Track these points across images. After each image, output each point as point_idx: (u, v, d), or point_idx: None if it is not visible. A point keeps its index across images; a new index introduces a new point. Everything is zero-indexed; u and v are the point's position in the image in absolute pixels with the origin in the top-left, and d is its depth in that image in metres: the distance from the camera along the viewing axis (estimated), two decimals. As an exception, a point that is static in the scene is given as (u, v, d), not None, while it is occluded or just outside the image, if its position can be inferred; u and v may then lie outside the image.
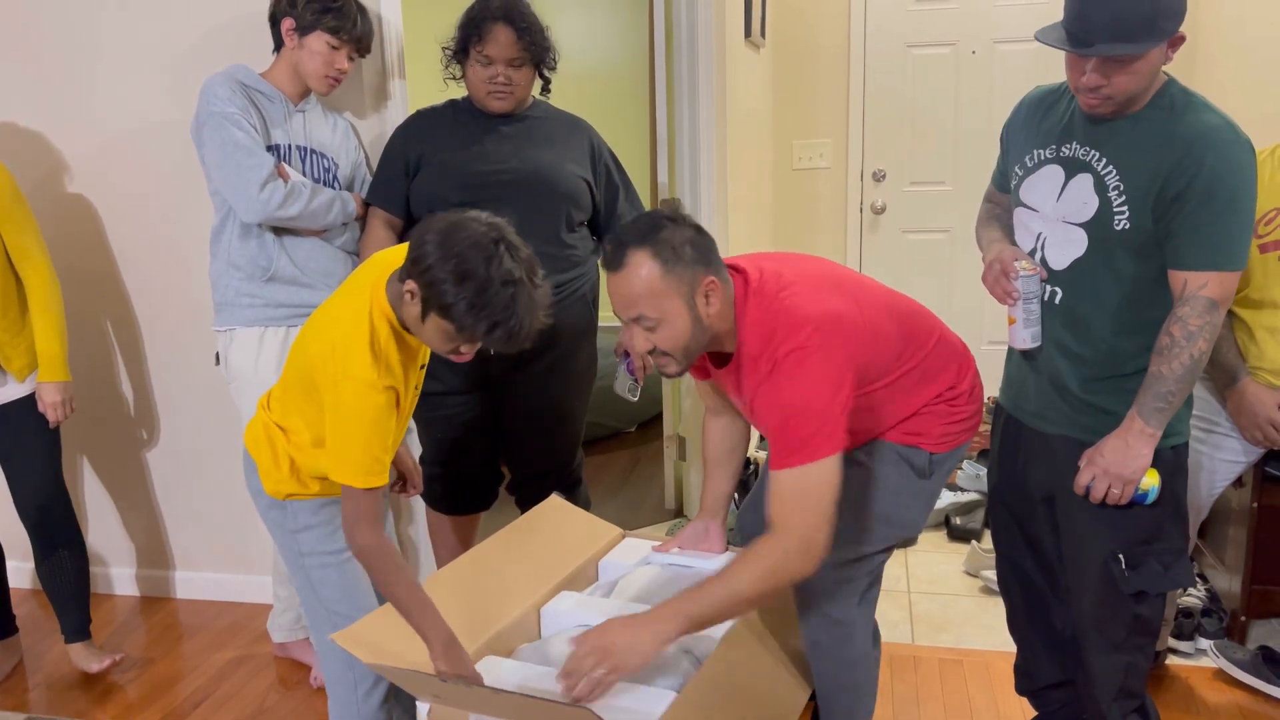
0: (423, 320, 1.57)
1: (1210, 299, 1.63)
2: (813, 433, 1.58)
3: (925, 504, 1.89)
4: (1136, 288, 1.71)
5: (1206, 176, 1.60)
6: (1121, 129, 1.69)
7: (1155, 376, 1.67)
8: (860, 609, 1.89)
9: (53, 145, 2.84)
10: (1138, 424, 1.69)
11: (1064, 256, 1.77)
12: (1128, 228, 1.68)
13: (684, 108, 3.20)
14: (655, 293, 1.61)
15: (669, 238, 1.62)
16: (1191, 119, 1.65)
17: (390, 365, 1.61)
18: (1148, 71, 1.62)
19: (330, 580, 1.82)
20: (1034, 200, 1.81)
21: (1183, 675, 2.45)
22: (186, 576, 3.07)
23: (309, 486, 1.78)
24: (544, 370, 2.47)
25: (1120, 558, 1.78)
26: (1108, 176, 1.69)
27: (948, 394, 1.85)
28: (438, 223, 1.57)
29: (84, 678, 2.63)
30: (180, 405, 2.95)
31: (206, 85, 2.28)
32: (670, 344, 1.66)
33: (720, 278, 1.67)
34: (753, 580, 1.57)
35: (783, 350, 1.61)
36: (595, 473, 4.03)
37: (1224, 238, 1.63)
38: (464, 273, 1.51)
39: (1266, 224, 2.18)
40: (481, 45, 2.30)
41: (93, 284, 2.91)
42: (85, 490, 3.08)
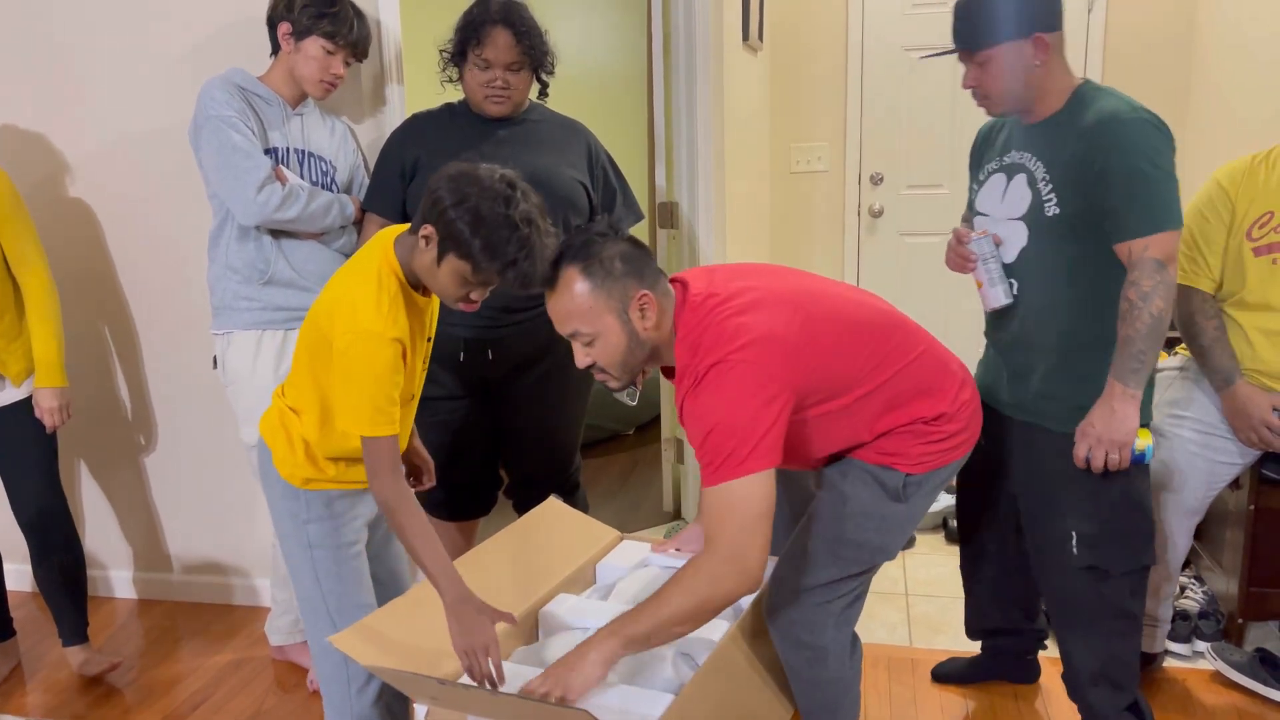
0: (439, 263, 1.61)
1: (1156, 259, 1.77)
2: (735, 448, 1.54)
3: (898, 528, 1.80)
4: (1080, 269, 1.87)
5: (1119, 153, 1.77)
6: (1046, 130, 1.90)
7: (1124, 340, 1.80)
8: (835, 631, 1.81)
9: (51, 148, 2.84)
10: (1118, 388, 1.81)
11: (1012, 250, 1.95)
12: (1057, 213, 1.85)
13: (682, 111, 3.20)
14: (586, 309, 1.63)
15: (599, 253, 1.64)
16: (1096, 107, 1.83)
17: (397, 319, 1.64)
18: (1003, 71, 1.85)
19: (333, 573, 1.83)
20: (985, 207, 2.02)
21: (1180, 677, 2.46)
22: (184, 579, 3.07)
23: (325, 471, 1.79)
24: (542, 375, 2.47)
25: (1073, 535, 1.93)
26: (1037, 172, 1.89)
27: (930, 416, 1.76)
28: (450, 169, 1.62)
29: (82, 681, 2.63)
30: (178, 408, 2.95)
31: (204, 89, 2.28)
32: (606, 359, 1.67)
33: (656, 291, 1.67)
34: (683, 602, 1.55)
35: (705, 363, 1.60)
36: (593, 475, 4.03)
37: (1153, 201, 1.77)
38: (481, 213, 1.55)
39: (1261, 227, 2.18)
40: (480, 49, 2.29)
41: (90, 287, 2.91)
42: (83, 493, 3.08)
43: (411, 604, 1.82)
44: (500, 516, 2.71)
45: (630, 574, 2.13)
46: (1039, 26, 1.83)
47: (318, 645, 1.85)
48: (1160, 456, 2.32)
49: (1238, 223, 2.20)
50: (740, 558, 1.54)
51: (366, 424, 1.63)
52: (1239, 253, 2.21)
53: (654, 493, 3.82)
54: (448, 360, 2.42)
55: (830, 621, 1.80)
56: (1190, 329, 2.28)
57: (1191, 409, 2.32)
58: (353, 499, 1.85)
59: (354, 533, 1.86)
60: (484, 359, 2.41)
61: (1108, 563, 1.93)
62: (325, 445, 1.78)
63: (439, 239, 1.59)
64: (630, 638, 1.57)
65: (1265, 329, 2.21)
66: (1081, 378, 1.90)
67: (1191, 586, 2.70)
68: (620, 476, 4.07)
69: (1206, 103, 4.19)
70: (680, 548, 2.15)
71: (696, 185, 3.22)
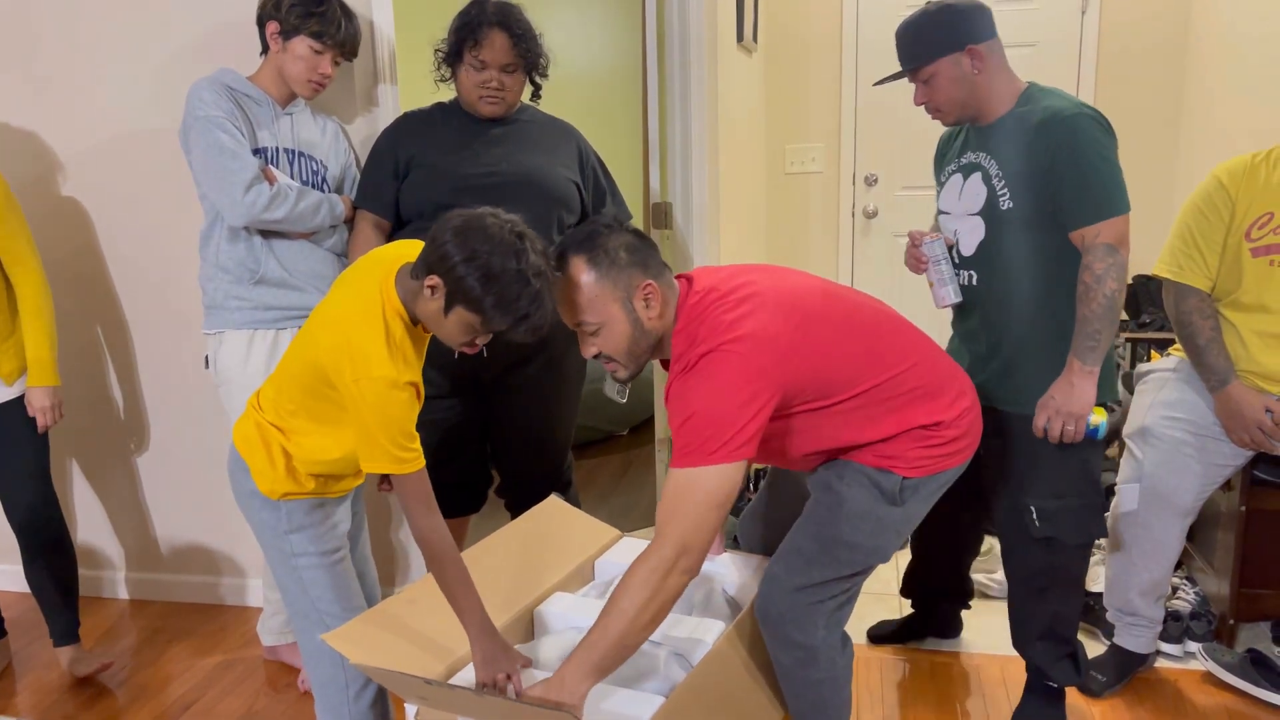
0: (446, 314, 1.61)
1: (1107, 244, 1.91)
2: (711, 436, 1.56)
3: (894, 531, 1.80)
4: (1034, 259, 1.99)
5: (1067, 148, 1.90)
6: (998, 131, 2.03)
7: (1081, 320, 1.93)
8: (826, 631, 1.81)
9: (44, 148, 2.84)
10: (1076, 364, 1.94)
11: (971, 243, 2.07)
12: (1011, 207, 1.98)
13: (676, 112, 3.20)
14: (592, 298, 1.66)
15: (604, 243, 1.67)
16: (1043, 106, 1.96)
17: (408, 361, 1.64)
18: (947, 83, 2.01)
19: (321, 581, 1.82)
20: (946, 205, 2.15)
21: (1171, 678, 2.46)
22: (176, 579, 3.06)
23: (305, 485, 1.78)
24: (534, 373, 2.47)
25: (1032, 509, 2.06)
26: (991, 169, 2.02)
27: (928, 424, 1.77)
28: (455, 220, 1.60)
29: (73, 681, 2.62)
30: (170, 408, 2.94)
31: (192, 90, 2.28)
32: (613, 348, 1.70)
33: (661, 282, 1.70)
34: (639, 607, 1.54)
35: (697, 352, 1.63)
36: (587, 476, 4.03)
37: (1102, 191, 1.91)
38: (493, 270, 1.55)
39: (1260, 228, 2.18)
40: (477, 50, 2.30)
41: (83, 287, 2.91)
42: (75, 493, 3.07)
43: (404, 604, 1.82)
44: (491, 515, 2.71)
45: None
46: (970, 39, 1.99)
47: (311, 652, 1.85)
48: (1153, 458, 2.32)
49: (1237, 222, 2.20)
50: (688, 549, 1.56)
51: (393, 464, 1.62)
52: (1237, 252, 2.21)
53: (648, 494, 3.81)
54: (440, 358, 2.42)
55: (821, 621, 1.80)
56: (1186, 328, 2.28)
57: (1184, 410, 2.32)
58: (330, 505, 1.85)
59: (336, 539, 1.86)
60: (477, 357, 2.41)
61: (1064, 535, 2.07)
62: (313, 461, 1.76)
63: (447, 291, 1.58)
64: (597, 665, 1.55)
65: (1260, 330, 2.21)
66: (1038, 360, 2.02)
67: (1183, 587, 2.70)
68: (614, 477, 4.07)
69: (1200, 104, 4.20)
70: None
71: (690, 186, 3.22)
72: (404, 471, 1.63)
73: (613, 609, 1.55)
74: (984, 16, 2.01)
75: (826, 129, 4.69)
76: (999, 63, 2.03)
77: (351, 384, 1.59)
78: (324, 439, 1.74)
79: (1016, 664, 2.53)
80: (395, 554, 2.88)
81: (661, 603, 1.56)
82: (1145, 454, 2.34)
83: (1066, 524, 2.06)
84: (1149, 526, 2.34)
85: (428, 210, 2.36)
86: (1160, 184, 4.47)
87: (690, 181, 3.22)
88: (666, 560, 1.55)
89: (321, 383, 1.67)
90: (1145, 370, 2.51)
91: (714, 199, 3.30)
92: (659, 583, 1.55)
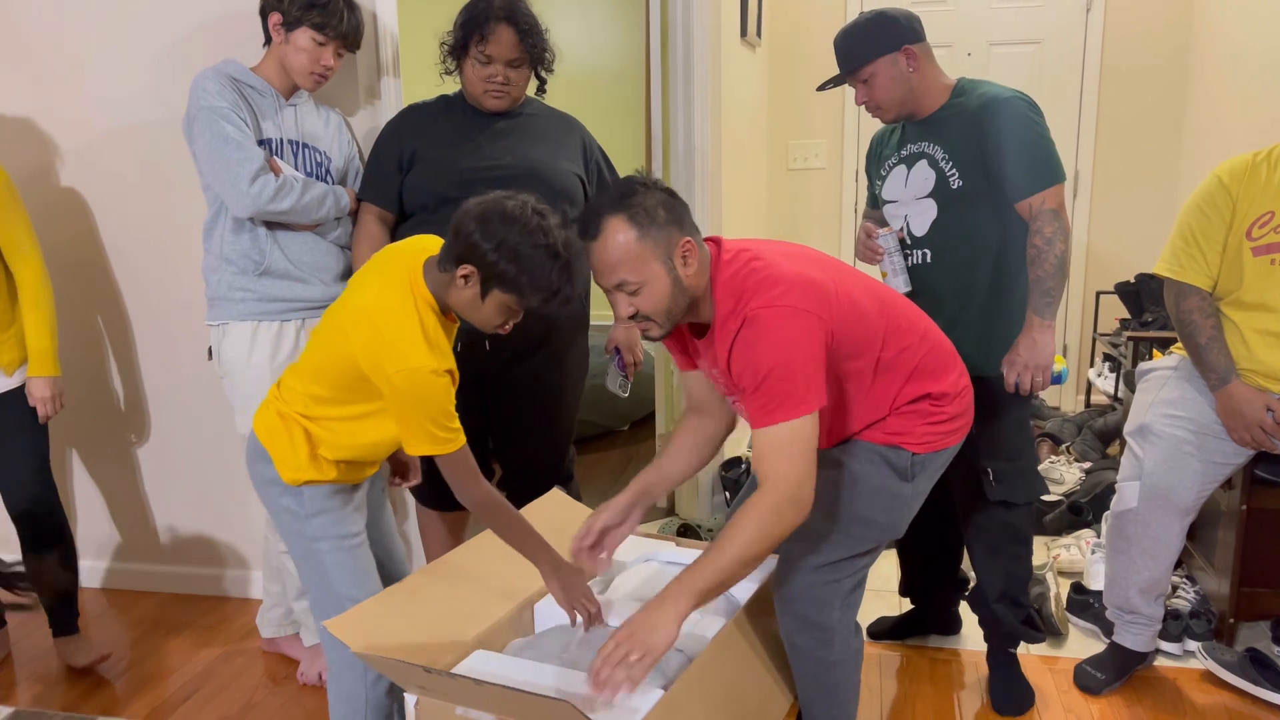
0: (483, 299, 1.67)
1: (1053, 209, 2.09)
2: (793, 388, 1.60)
3: (907, 506, 1.85)
4: (983, 231, 2.16)
5: (1009, 127, 2.10)
6: (936, 123, 2.20)
7: (1035, 280, 2.09)
8: (841, 613, 1.84)
9: (45, 138, 2.83)
10: (1036, 321, 2.09)
11: (923, 223, 2.22)
12: (962, 185, 2.15)
13: (679, 107, 3.20)
14: (633, 257, 1.64)
15: (642, 202, 1.65)
16: (979, 94, 2.17)
17: (443, 350, 1.69)
18: (886, 82, 2.18)
19: (343, 564, 1.83)
20: (891, 194, 2.30)
21: (1170, 676, 2.46)
22: (175, 571, 3.06)
23: (327, 473, 1.80)
24: (536, 366, 2.47)
25: (989, 471, 2.21)
26: (937, 155, 2.19)
27: (935, 394, 1.82)
28: (474, 209, 1.66)
29: (71, 672, 2.62)
30: (171, 400, 2.94)
31: (196, 80, 2.27)
32: (652, 307, 1.68)
33: (696, 239, 1.70)
34: (749, 540, 1.59)
35: (754, 306, 1.63)
36: (587, 471, 4.03)
37: (1042, 162, 2.10)
38: (522, 252, 1.62)
39: (1261, 227, 2.18)
40: (483, 44, 2.30)
41: (84, 277, 2.90)
42: (75, 484, 3.07)
43: (406, 593, 1.82)
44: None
45: (631, 568, 2.13)
46: (905, 40, 2.17)
47: (331, 637, 1.85)
48: (1154, 456, 2.32)
49: (1238, 221, 2.20)
50: (801, 491, 1.61)
51: (436, 445, 1.68)
52: (1238, 251, 2.21)
53: (648, 489, 3.81)
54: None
55: (838, 601, 1.83)
56: (1186, 327, 2.28)
57: (1185, 409, 2.32)
58: (349, 490, 1.86)
59: (355, 523, 1.86)
60: (480, 349, 2.41)
61: (1015, 496, 2.23)
62: (341, 448, 1.79)
63: (482, 279, 1.65)
64: (700, 590, 1.60)
65: (1261, 329, 2.21)
66: (991, 325, 2.17)
67: (1183, 586, 2.71)
68: (614, 473, 4.07)
69: (1203, 103, 4.20)
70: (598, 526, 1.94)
71: (693, 181, 3.22)
72: (446, 451, 1.69)
73: (724, 543, 1.60)
74: (915, 21, 2.20)
75: (829, 125, 4.69)
76: (931, 62, 2.21)
77: (392, 375, 1.63)
78: (358, 425, 1.77)
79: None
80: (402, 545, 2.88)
81: (772, 542, 1.61)
82: (1146, 452, 2.34)
83: (1018, 485, 2.22)
84: (1149, 525, 2.34)
85: (431, 203, 2.35)
86: (1163, 182, 4.47)
87: (693, 176, 3.21)
88: (778, 502, 1.60)
89: (355, 376, 1.71)
90: (1146, 369, 2.51)
91: (716, 194, 3.30)
92: (771, 523, 1.60)
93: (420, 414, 1.65)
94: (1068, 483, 3.55)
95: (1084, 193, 4.59)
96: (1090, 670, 2.43)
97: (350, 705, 1.87)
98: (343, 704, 1.88)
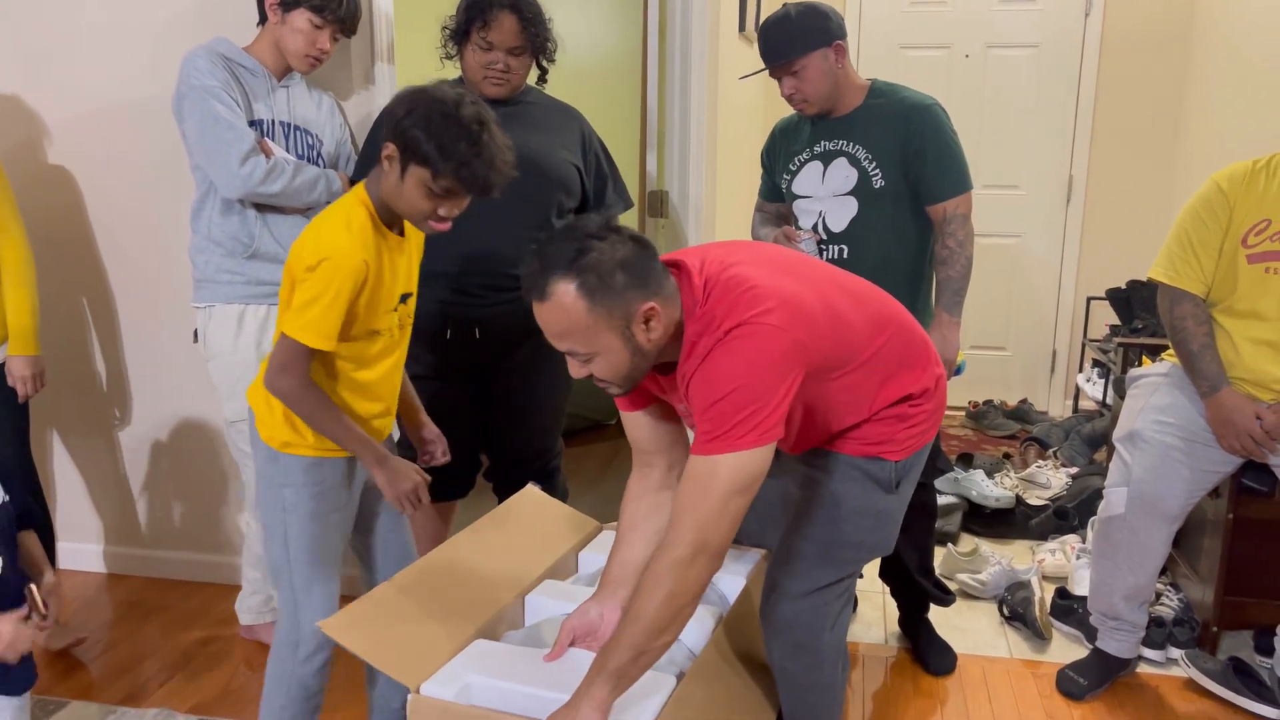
0: (403, 178, 1.66)
1: (964, 214, 2.26)
2: (746, 417, 1.42)
3: (893, 520, 1.75)
4: (902, 228, 2.29)
5: (932, 133, 2.24)
6: (857, 121, 2.30)
7: (946, 280, 2.26)
8: (830, 635, 1.76)
9: (31, 113, 2.79)
10: (945, 318, 2.26)
11: (842, 220, 2.32)
12: (884, 184, 2.27)
13: (675, 100, 3.18)
14: (582, 328, 1.45)
15: (596, 263, 1.44)
16: (902, 98, 2.29)
17: (365, 241, 1.68)
18: (817, 76, 2.24)
19: (303, 542, 1.82)
20: (805, 190, 2.38)
21: (1153, 683, 2.46)
22: (155, 555, 3.03)
23: (304, 435, 1.79)
24: (526, 357, 2.45)
25: None
26: (858, 154, 2.29)
27: (916, 394, 1.70)
28: (401, 93, 1.69)
29: (46, 655, 2.59)
30: (155, 382, 2.91)
31: (187, 58, 2.24)
32: (608, 374, 1.52)
33: (662, 296, 1.50)
34: (658, 611, 1.43)
35: (730, 322, 1.46)
36: (574, 464, 4.01)
37: (957, 169, 2.26)
38: (431, 116, 1.62)
39: (1257, 234, 2.17)
40: (485, 31, 2.27)
41: (68, 256, 2.87)
42: (55, 465, 3.04)
43: (395, 590, 1.79)
44: (480, 500, 2.69)
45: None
46: (835, 36, 2.24)
47: (280, 606, 1.87)
48: (1142, 463, 2.31)
49: (1234, 228, 2.20)
50: (705, 546, 1.44)
51: (298, 327, 1.67)
52: (1233, 258, 2.20)
53: (634, 483, 3.79)
54: (431, 338, 2.39)
55: (827, 624, 1.75)
56: (1179, 333, 2.28)
57: (1175, 415, 2.31)
58: (334, 467, 1.83)
59: (332, 501, 1.84)
60: (471, 337, 2.39)
61: (928, 474, 2.42)
62: None
63: (399, 152, 1.65)
64: (616, 672, 1.43)
65: (1253, 337, 2.20)
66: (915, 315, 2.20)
67: (1167, 593, 2.71)
68: (600, 466, 4.06)
69: (1201, 108, 4.20)
70: (575, 637, 1.72)
71: (688, 175, 3.20)
72: (300, 339, 1.67)
73: (630, 613, 1.45)
74: (841, 18, 2.28)
75: (825, 123, 4.66)
76: (849, 61, 2.31)
77: (307, 259, 1.65)
78: (319, 375, 1.77)
79: (997, 664, 2.54)
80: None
81: (682, 603, 1.44)
82: (1135, 459, 2.33)
83: (931, 466, 2.40)
84: (1135, 531, 2.33)
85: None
86: (1158, 189, 4.47)
87: (687, 170, 3.19)
88: (684, 556, 1.43)
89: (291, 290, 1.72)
90: (1137, 375, 2.50)
91: (710, 188, 3.28)
92: (677, 581, 1.43)
93: (314, 292, 1.65)
94: (1054, 487, 3.55)
95: (1078, 198, 4.59)
96: (1073, 675, 2.42)
97: (278, 673, 1.87)
98: (272, 681, 1.89)
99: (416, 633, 1.72)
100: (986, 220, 4.68)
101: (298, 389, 1.71)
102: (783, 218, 2.53)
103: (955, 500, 3.36)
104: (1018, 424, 4.51)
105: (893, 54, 4.62)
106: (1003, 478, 3.57)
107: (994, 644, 2.65)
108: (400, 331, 1.86)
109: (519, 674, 1.62)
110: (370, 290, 1.72)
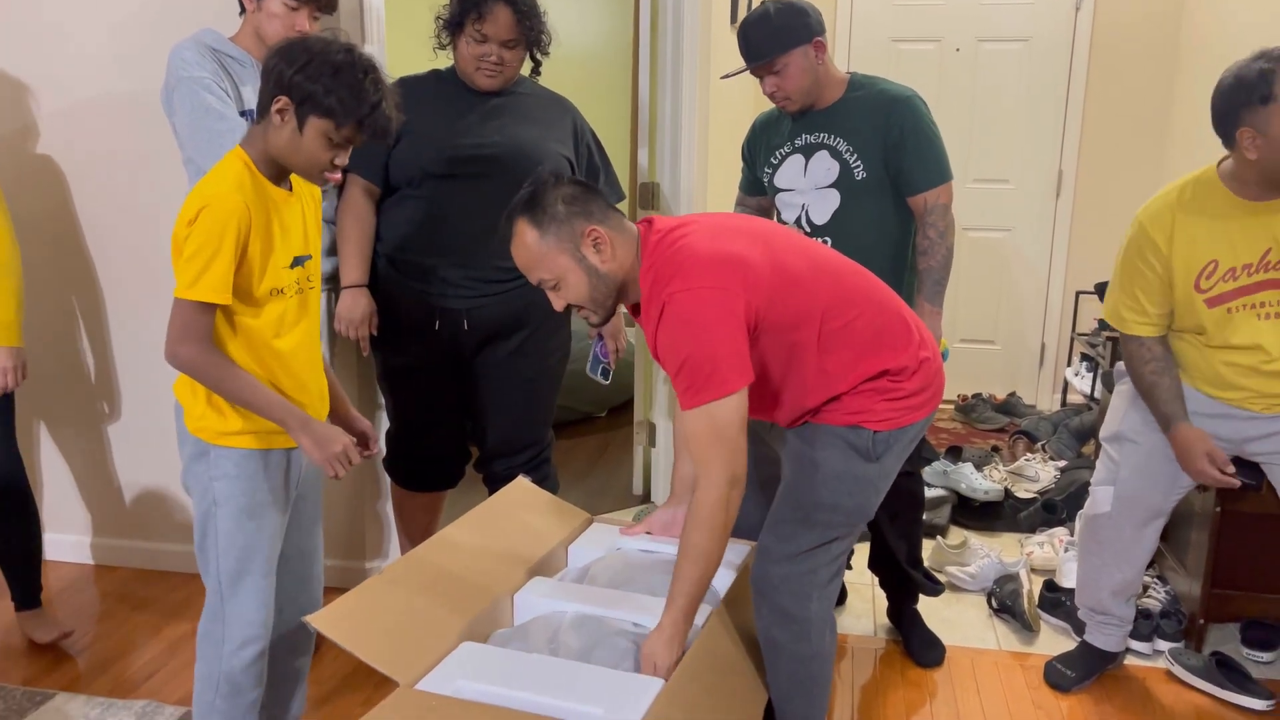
0: (301, 130, 1.64)
1: (945, 204, 2.29)
2: (715, 369, 1.61)
3: (873, 487, 1.82)
4: (884, 219, 2.32)
5: (911, 125, 2.26)
6: (837, 114, 2.32)
7: (927, 270, 2.29)
8: (818, 605, 1.83)
9: (18, 104, 2.77)
10: (927, 307, 2.29)
11: (824, 212, 2.35)
12: (866, 176, 2.30)
13: (667, 93, 3.17)
14: (540, 255, 1.70)
15: (541, 197, 1.71)
16: (881, 90, 2.32)
17: (242, 186, 1.65)
18: (798, 73, 2.26)
19: (231, 534, 1.78)
20: (787, 183, 2.40)
21: (1140, 676, 2.47)
22: (142, 546, 3.02)
23: (231, 421, 1.74)
24: (516, 349, 2.44)
25: None
26: (839, 146, 2.31)
27: (894, 370, 1.78)
28: (278, 46, 1.66)
29: (33, 647, 2.58)
30: (141, 373, 2.89)
31: (174, 51, 2.22)
32: (576, 297, 1.74)
33: (608, 225, 1.73)
34: (708, 540, 1.65)
35: (670, 290, 1.65)
36: (564, 456, 4.01)
37: (936, 160, 2.29)
38: (329, 66, 1.61)
39: (1207, 278, 2.15)
40: (480, 23, 2.27)
41: (55, 248, 2.84)
42: (41, 456, 3.02)
43: (385, 584, 1.78)
44: (469, 491, 2.68)
45: (604, 558, 2.11)
46: (815, 33, 2.26)
47: (207, 599, 1.82)
48: (1129, 461, 2.32)
49: (1179, 277, 2.17)
50: (737, 472, 1.64)
51: (187, 285, 1.62)
52: (1190, 303, 2.18)
53: (624, 476, 3.80)
54: (420, 329, 2.38)
55: (815, 593, 1.82)
56: (1131, 373, 2.30)
57: (1164, 410, 2.32)
58: (265, 460, 1.79)
59: (263, 495, 1.80)
60: (459, 329, 2.38)
61: (913, 463, 2.43)
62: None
63: (295, 105, 1.62)
64: (683, 607, 1.68)
65: (1231, 362, 2.20)
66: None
67: (1154, 586, 2.72)
68: (590, 458, 4.05)
69: (1191, 103, 4.21)
70: (650, 531, 2.14)
71: (679, 167, 3.19)
72: (193, 297, 1.62)
73: (688, 553, 1.66)
74: (819, 14, 2.30)
75: (816, 116, 4.65)
76: (829, 56, 2.32)
77: (186, 212, 1.61)
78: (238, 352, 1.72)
79: (985, 655, 2.55)
80: (381, 525, 2.85)
81: (727, 532, 1.66)
82: (1122, 458, 2.34)
83: (915, 454, 2.37)
84: (1122, 529, 2.34)
85: (416, 178, 2.32)
86: (1147, 183, 4.49)
87: (679, 163, 3.19)
88: (722, 494, 1.63)
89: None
90: (1123, 370, 2.51)
91: (702, 181, 3.28)
92: (723, 517, 1.64)
93: (194, 244, 1.61)
94: (1042, 480, 3.57)
95: (1067, 191, 4.60)
96: (1060, 668, 2.43)
97: (204, 671, 1.84)
98: (200, 679, 1.85)
99: (407, 627, 1.71)
100: (976, 214, 4.70)
101: (199, 355, 1.65)
102: (764, 211, 2.54)
103: (944, 493, 3.37)
104: (1006, 417, 4.52)
105: (883, 48, 4.62)
106: (991, 471, 3.58)
107: (982, 636, 2.66)
108: (302, 297, 1.80)
109: (509, 678, 1.62)
110: (261, 239, 1.68)
